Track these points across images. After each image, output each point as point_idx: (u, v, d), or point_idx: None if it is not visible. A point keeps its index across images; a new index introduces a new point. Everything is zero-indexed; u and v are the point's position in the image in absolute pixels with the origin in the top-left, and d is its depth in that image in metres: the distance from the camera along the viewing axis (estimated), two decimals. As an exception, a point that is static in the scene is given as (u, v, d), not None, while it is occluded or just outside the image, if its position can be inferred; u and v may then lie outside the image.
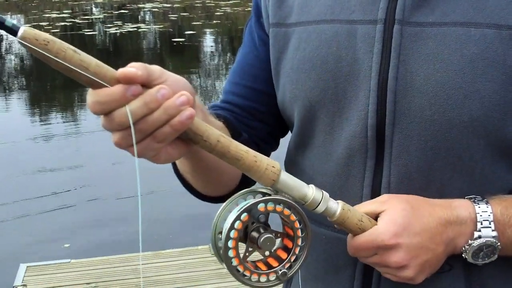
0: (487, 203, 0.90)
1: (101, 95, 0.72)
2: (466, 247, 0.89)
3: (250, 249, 0.84)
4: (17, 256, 4.37)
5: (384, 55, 0.91)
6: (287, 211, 0.83)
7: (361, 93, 0.93)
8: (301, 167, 1.04)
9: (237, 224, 0.81)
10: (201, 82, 11.28)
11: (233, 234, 0.81)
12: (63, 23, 18.39)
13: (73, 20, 19.88)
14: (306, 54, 0.98)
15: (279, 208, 0.83)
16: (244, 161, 0.81)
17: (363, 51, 0.93)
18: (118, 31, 17.38)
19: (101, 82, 0.72)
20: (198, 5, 23.81)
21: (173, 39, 14.71)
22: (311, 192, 0.85)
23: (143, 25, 19.04)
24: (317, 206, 0.85)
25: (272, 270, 0.85)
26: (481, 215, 0.89)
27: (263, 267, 0.85)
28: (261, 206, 0.82)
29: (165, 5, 23.93)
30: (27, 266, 3.92)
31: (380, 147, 0.93)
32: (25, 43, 0.68)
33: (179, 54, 14.63)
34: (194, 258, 3.97)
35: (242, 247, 0.84)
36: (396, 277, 0.90)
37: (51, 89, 11.43)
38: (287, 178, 0.84)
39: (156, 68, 0.76)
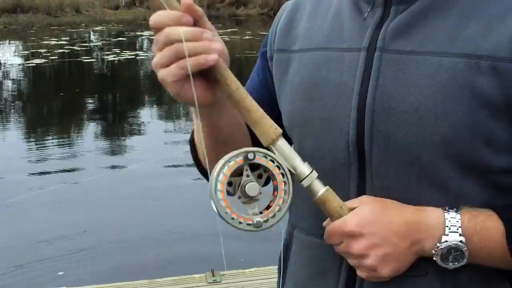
0: (456, 211, 0.96)
1: (162, 13, 0.91)
2: (436, 249, 0.96)
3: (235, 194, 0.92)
4: (11, 284, 4.31)
5: (364, 78, 1.01)
6: (271, 164, 0.92)
7: (344, 112, 1.02)
8: None
9: (225, 169, 0.90)
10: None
11: (221, 178, 0.90)
12: (61, 50, 18.49)
13: (71, 47, 20.00)
14: (302, 77, 1.10)
15: (265, 160, 0.92)
16: (254, 114, 0.94)
17: (348, 75, 1.03)
18: (116, 58, 17.49)
19: (166, 7, 0.91)
20: (196, 33, 23.95)
21: (170, 67, 14.74)
22: (301, 164, 0.95)
23: (141, 52, 19.17)
24: (304, 179, 0.95)
25: (249, 217, 0.92)
26: (449, 221, 0.95)
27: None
28: (250, 155, 0.91)
29: (163, 33, 24.06)
30: (21, 294, 3.86)
31: (362, 162, 1.01)
32: None
33: (176, 82, 14.64)
34: (190, 287, 3.92)
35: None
36: (361, 266, 0.97)
37: (47, 114, 11.45)
38: (285, 145, 0.95)
39: (211, 26, 0.95)
